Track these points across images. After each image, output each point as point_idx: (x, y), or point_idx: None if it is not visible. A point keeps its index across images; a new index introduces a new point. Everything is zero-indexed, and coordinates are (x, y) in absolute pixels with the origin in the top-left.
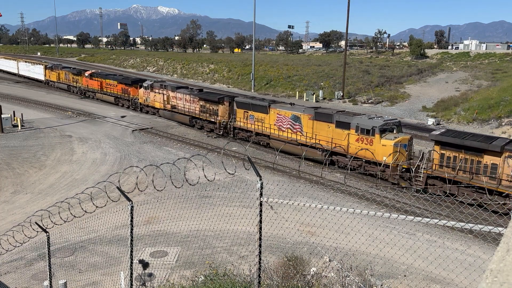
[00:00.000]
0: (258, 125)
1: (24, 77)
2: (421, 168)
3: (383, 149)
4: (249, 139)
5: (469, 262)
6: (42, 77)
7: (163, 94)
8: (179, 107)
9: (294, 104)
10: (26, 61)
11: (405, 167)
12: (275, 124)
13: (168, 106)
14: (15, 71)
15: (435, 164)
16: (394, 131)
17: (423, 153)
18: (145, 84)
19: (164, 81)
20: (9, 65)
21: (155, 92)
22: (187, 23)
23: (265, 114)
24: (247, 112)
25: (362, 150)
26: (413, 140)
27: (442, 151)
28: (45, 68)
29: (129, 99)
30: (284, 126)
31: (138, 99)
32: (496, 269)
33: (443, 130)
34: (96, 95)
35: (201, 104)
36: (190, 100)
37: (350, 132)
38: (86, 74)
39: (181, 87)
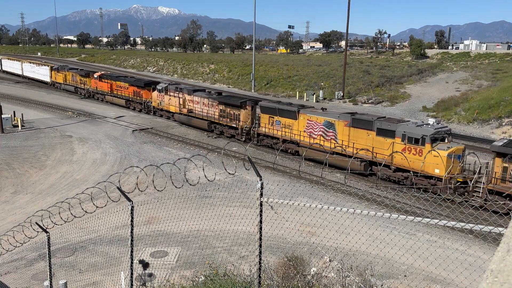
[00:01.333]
0: (285, 132)
1: (29, 78)
2: (482, 182)
3: (434, 160)
4: (275, 146)
5: (470, 262)
6: (47, 79)
7: (178, 97)
8: (196, 111)
9: (326, 109)
10: (30, 62)
11: (460, 180)
12: (305, 131)
13: (184, 110)
14: (19, 72)
15: (496, 178)
16: (446, 140)
17: (480, 165)
18: (159, 87)
19: (179, 83)
20: (13, 66)
21: (170, 95)
22: (187, 23)
23: (294, 120)
24: (273, 117)
25: (410, 161)
26: (466, 151)
27: (505, 164)
28: (51, 69)
29: (141, 102)
30: (316, 133)
31: (151, 102)
32: (496, 269)
33: (506, 141)
34: (106, 97)
35: (221, 108)
36: (208, 104)
37: (395, 141)
38: (95, 76)
39: (198, 90)
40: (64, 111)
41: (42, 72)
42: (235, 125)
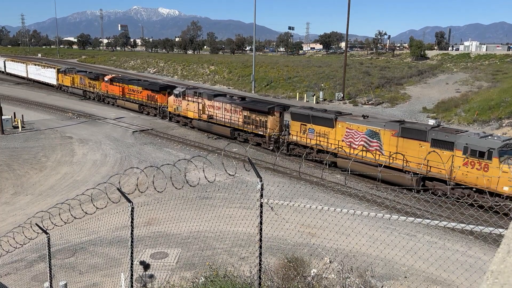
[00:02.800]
0: (320, 141)
1: (34, 81)
2: None
3: (503, 176)
4: (308, 156)
5: (470, 263)
6: (54, 82)
7: (197, 102)
8: (217, 118)
9: (367, 116)
10: (36, 64)
11: None
12: (343, 140)
13: (204, 116)
14: (24, 75)
15: None
16: None
17: None
18: (176, 91)
19: (198, 87)
20: (18, 68)
21: (188, 100)
22: (187, 24)
23: (330, 128)
24: (305, 125)
25: (472, 177)
26: None
27: None
28: (58, 71)
29: (156, 107)
30: (356, 143)
31: (167, 107)
32: (497, 270)
33: None
34: (117, 101)
35: (245, 114)
36: (231, 109)
37: (455, 154)
38: (106, 79)
39: (219, 95)
40: (64, 112)
41: (48, 75)
42: (261, 133)
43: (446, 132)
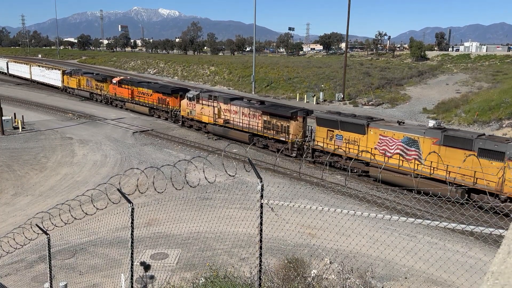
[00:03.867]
0: (350, 148)
1: (38, 82)
2: None
3: None
4: (336, 164)
5: (470, 264)
6: (59, 83)
7: (213, 106)
8: (234, 122)
9: (403, 122)
10: (40, 66)
11: None
12: (376, 148)
13: (220, 121)
14: (27, 76)
15: None
16: None
17: None
18: (189, 95)
19: (212, 91)
20: (21, 69)
21: (202, 104)
22: (187, 25)
23: (362, 134)
24: (332, 131)
25: None
26: None
27: None
28: (63, 73)
29: (167, 110)
30: (391, 151)
31: (179, 111)
32: (497, 271)
33: None
34: (126, 104)
35: (265, 119)
36: (249, 114)
37: (508, 165)
38: (114, 81)
39: (236, 99)
40: (65, 113)
41: (53, 77)
42: (283, 139)
43: (495, 141)
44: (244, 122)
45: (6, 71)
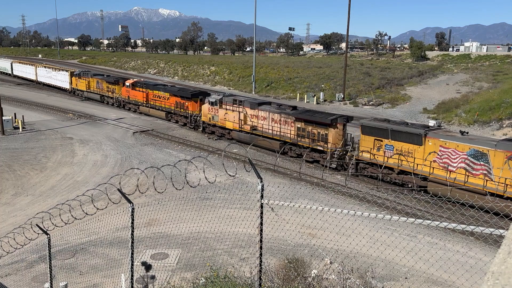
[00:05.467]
0: (403, 160)
1: (44, 84)
2: None
3: None
4: (386, 178)
5: (470, 264)
6: (67, 85)
7: (238, 111)
8: (262, 129)
9: (467, 133)
10: (46, 67)
11: None
12: (435, 161)
13: (246, 127)
14: (33, 78)
15: None
16: None
17: None
18: (211, 99)
19: (235, 94)
20: (26, 70)
21: (226, 109)
22: (188, 25)
23: (417, 145)
24: (381, 140)
25: None
26: None
27: None
28: (71, 75)
29: (186, 115)
30: (454, 165)
31: (200, 116)
32: (497, 271)
33: None
34: (140, 108)
35: (299, 126)
36: (280, 120)
37: None
38: (127, 84)
39: (264, 103)
40: (65, 113)
41: (60, 78)
42: (321, 148)
43: None
44: (274, 129)
45: (10, 72)
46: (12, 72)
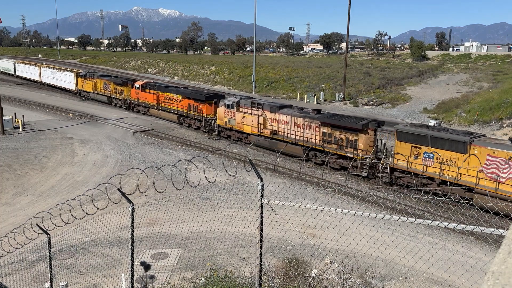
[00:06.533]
0: (445, 169)
1: (48, 85)
2: None
3: None
4: (425, 188)
5: (471, 264)
6: (72, 87)
7: (257, 115)
8: (284, 134)
9: None
10: (50, 67)
11: None
12: (481, 171)
13: (266, 132)
14: (37, 78)
15: None
16: None
17: None
18: (228, 102)
19: (251, 97)
20: (29, 71)
21: (243, 112)
22: (188, 25)
23: (461, 153)
24: (419, 147)
25: None
26: None
27: None
28: (77, 75)
29: (200, 118)
30: (505, 176)
31: (215, 120)
32: (497, 271)
33: None
34: (150, 110)
35: (324, 131)
36: (303, 124)
37: None
38: (137, 85)
39: (285, 107)
40: (65, 113)
41: (65, 79)
42: (350, 155)
43: None
44: (297, 134)
45: (13, 73)
46: (15, 72)
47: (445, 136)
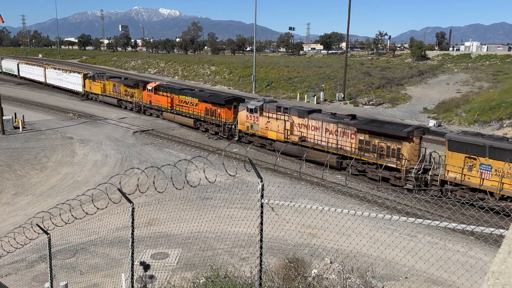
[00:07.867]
0: (504, 183)
1: (54, 87)
2: None
3: None
4: (484, 204)
5: (471, 264)
6: (79, 88)
7: (283, 120)
8: (314, 140)
9: None
10: (56, 68)
11: None
12: None
13: (294, 138)
14: (42, 80)
15: None
16: None
17: None
18: (250, 106)
19: (275, 100)
20: (34, 72)
21: (268, 117)
22: (188, 25)
23: None
24: (475, 158)
25: None
26: None
27: None
28: (84, 77)
29: (219, 123)
30: None
31: (236, 125)
32: (497, 271)
33: None
34: (163, 114)
35: (361, 138)
36: (336, 131)
37: None
38: (149, 87)
39: (314, 111)
40: (65, 113)
41: (72, 81)
42: (393, 165)
43: None
44: (329, 140)
45: (16, 74)
46: (18, 73)
47: (506, 147)
